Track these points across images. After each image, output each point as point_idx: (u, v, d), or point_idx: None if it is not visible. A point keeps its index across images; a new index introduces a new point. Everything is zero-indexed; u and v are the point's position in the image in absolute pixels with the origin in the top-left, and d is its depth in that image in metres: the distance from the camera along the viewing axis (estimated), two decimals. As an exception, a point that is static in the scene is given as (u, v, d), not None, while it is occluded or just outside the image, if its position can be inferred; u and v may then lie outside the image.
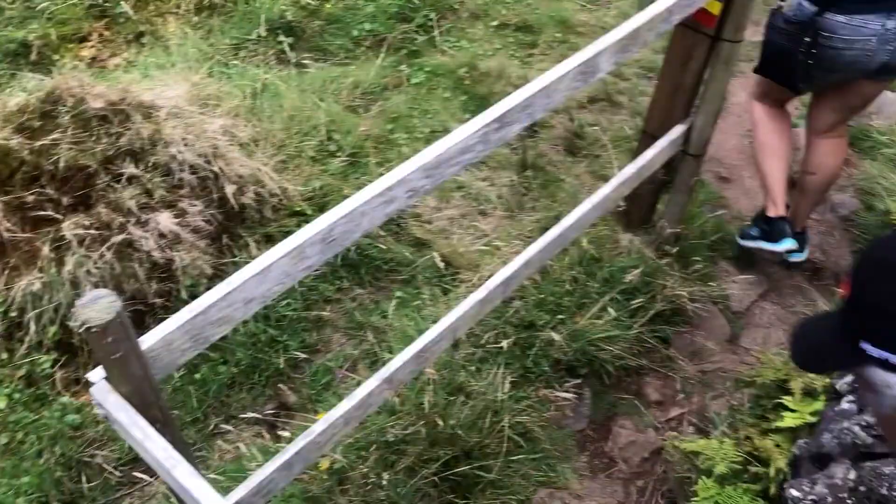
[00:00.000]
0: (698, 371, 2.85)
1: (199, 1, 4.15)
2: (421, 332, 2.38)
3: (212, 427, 2.61)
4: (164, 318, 1.30)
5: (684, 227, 3.10)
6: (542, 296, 2.82)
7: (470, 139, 1.70)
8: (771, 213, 2.97)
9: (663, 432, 2.66)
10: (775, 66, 2.73)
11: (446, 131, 3.66)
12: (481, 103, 3.86)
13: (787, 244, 2.93)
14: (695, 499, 2.25)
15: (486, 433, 2.42)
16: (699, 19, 2.43)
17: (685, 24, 2.40)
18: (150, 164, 2.79)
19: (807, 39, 2.55)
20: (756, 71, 2.85)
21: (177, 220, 2.76)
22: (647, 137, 2.85)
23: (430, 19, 4.28)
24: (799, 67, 2.64)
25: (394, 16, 4.25)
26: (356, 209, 1.51)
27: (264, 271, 1.39)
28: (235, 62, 3.85)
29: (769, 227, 2.98)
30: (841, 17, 2.48)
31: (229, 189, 2.89)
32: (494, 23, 4.43)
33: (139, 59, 3.89)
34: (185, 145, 2.86)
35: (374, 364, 2.70)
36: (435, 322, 2.23)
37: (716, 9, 2.38)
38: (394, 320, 2.83)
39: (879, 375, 0.85)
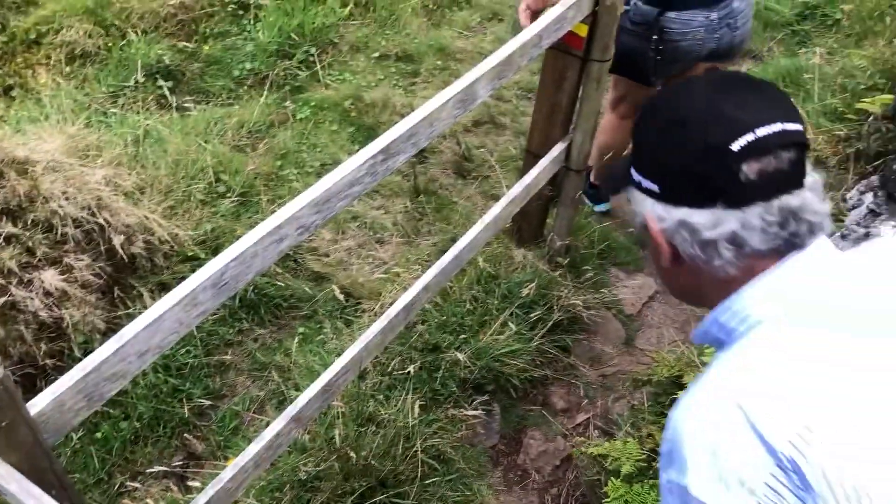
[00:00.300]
0: (599, 376, 2.95)
1: (70, 51, 4.04)
2: (326, 366, 2.38)
3: (117, 486, 2.51)
4: (57, 380, 1.27)
5: (573, 238, 3.22)
6: (445, 318, 2.87)
7: (357, 172, 1.73)
8: (595, 181, 3.68)
9: (572, 439, 2.74)
10: (626, 64, 2.96)
11: (336, 164, 3.70)
12: (369, 133, 3.91)
13: (604, 207, 3.70)
14: (606, 500, 2.33)
15: (399, 460, 2.43)
16: (568, 42, 2.55)
17: (556, 47, 2.52)
18: (29, 222, 2.69)
19: (655, 37, 2.83)
20: (611, 71, 3.07)
21: (63, 277, 2.67)
22: (531, 156, 2.95)
23: (312, 55, 4.30)
24: (649, 63, 2.90)
25: (274, 53, 4.25)
26: (247, 250, 1.51)
27: (157, 321, 1.37)
28: (114, 110, 3.76)
29: (593, 191, 3.69)
30: (673, 14, 2.79)
31: (117, 240, 2.81)
32: (376, 54, 4.50)
33: (9, 113, 3.75)
34: (67, 199, 2.77)
35: (282, 404, 2.67)
36: (340, 355, 2.24)
37: (583, 31, 2.51)
38: (298, 357, 2.81)
39: (635, 195, 1.04)
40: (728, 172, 0.91)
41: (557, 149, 2.84)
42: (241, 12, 4.49)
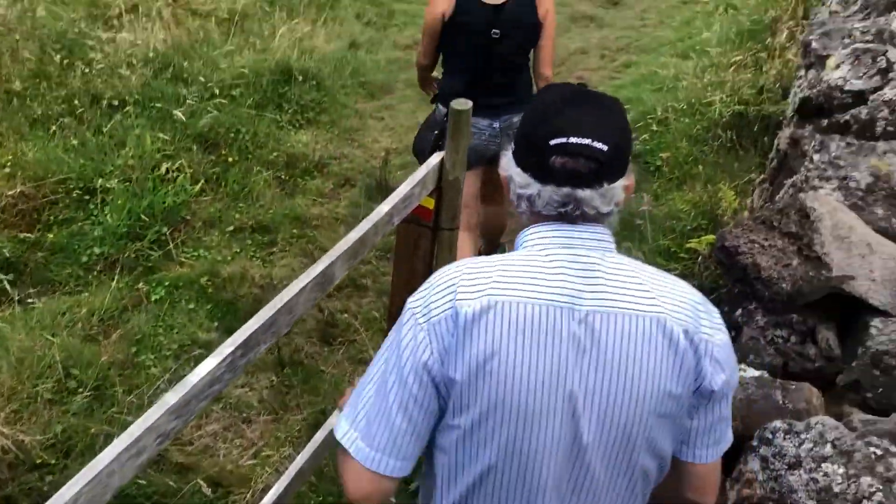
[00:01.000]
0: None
1: None
2: (197, 571, 2.21)
3: None
4: None
5: (444, 398, 3.24)
6: (321, 498, 2.77)
7: (217, 370, 1.70)
8: None
9: None
10: (423, 155, 3.23)
11: (195, 343, 3.60)
12: (228, 308, 3.84)
13: None
14: None
15: None
16: (418, 214, 2.67)
17: (407, 220, 2.62)
18: None
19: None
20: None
21: None
22: (394, 321, 2.99)
23: (164, 234, 4.24)
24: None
25: (124, 235, 4.16)
26: (102, 471, 1.42)
27: (2, 567, 1.26)
28: (-53, 310, 3.53)
29: None
30: None
31: (-48, 457, 2.57)
32: (230, 228, 4.49)
33: None
34: None
35: None
36: (210, 558, 2.10)
37: (430, 204, 2.63)
38: (165, 563, 2.61)
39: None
40: (542, 157, 1.31)
41: (419, 313, 2.90)
42: (87, 197, 4.40)
